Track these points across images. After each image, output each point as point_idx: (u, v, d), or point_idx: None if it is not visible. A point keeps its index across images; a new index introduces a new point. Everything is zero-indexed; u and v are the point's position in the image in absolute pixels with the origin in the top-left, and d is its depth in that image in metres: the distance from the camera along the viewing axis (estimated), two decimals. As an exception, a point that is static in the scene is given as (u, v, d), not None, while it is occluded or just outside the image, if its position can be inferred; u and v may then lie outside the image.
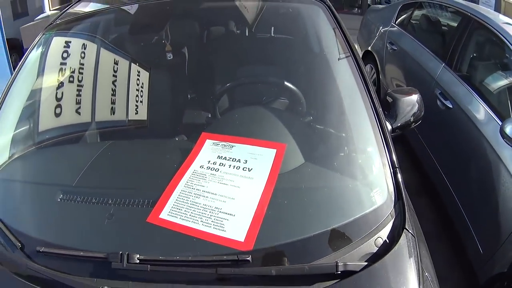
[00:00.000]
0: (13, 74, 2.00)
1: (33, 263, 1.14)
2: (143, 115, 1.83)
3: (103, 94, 1.88)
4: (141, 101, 1.85)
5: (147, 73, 1.96)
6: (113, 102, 1.86)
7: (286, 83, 1.76)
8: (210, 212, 1.15)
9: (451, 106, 3.25)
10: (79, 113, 1.81)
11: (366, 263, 1.11)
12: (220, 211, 1.14)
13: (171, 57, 2.03)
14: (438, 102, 3.39)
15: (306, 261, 1.10)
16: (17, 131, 1.75)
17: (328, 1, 2.00)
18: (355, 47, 1.76)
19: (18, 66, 2.04)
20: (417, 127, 3.61)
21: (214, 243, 1.08)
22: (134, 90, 1.86)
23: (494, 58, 3.56)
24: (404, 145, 4.16)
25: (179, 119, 1.82)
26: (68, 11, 2.32)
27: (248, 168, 1.27)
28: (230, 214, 1.14)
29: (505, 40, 3.09)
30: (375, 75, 5.34)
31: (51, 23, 2.20)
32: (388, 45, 4.97)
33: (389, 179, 1.34)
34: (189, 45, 2.09)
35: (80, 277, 1.09)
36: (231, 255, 1.06)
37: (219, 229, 1.10)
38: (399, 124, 1.71)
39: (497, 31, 3.23)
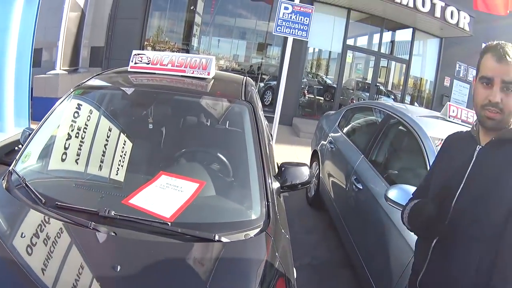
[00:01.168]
0: (42, 121, 2.99)
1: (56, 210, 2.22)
2: (121, 177, 2.71)
3: (96, 153, 2.81)
4: (122, 166, 2.76)
5: (131, 144, 2.97)
6: (101, 161, 2.76)
7: (218, 154, 2.97)
8: (155, 203, 2.29)
9: (361, 188, 4.24)
10: (77, 163, 2.75)
11: (231, 241, 2.21)
12: (160, 203, 2.29)
13: (152, 127, 3.19)
14: (353, 186, 4.38)
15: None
16: (38, 161, 2.78)
17: (254, 103, 3.26)
18: (262, 135, 3.00)
19: (46, 115, 3.02)
20: (339, 210, 4.94)
21: (155, 216, 2.21)
22: (118, 156, 2.81)
23: (400, 146, 4.63)
24: (335, 231, 5.16)
25: (151, 164, 2.93)
26: (85, 83, 3.31)
27: (181, 190, 2.43)
28: (165, 205, 2.28)
29: (413, 130, 4.02)
30: (318, 170, 6.39)
31: (74, 89, 3.17)
32: (328, 145, 6.12)
33: (264, 208, 2.51)
34: (163, 122, 3.25)
35: (81, 220, 2.15)
36: (161, 221, 2.19)
37: (158, 210, 2.23)
38: (286, 184, 2.89)
39: (407, 123, 4.22)
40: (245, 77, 4.05)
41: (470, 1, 13.04)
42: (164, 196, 2.39)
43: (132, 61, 3.59)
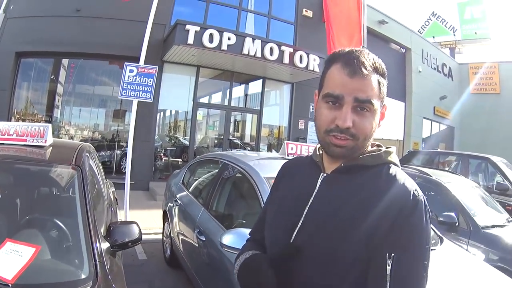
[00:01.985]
0: None
1: None
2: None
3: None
4: None
5: None
6: None
7: (54, 219, 3.41)
8: (1, 267, 2.74)
9: (204, 239, 4.61)
10: None
11: None
12: (5, 267, 2.74)
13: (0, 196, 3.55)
14: (198, 240, 4.76)
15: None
16: None
17: (84, 168, 3.72)
18: (89, 199, 3.42)
19: None
20: (190, 265, 5.45)
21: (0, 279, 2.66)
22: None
23: (239, 192, 5.01)
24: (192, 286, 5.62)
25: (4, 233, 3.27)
26: None
27: (21, 255, 2.91)
28: (8, 269, 2.74)
29: (247, 175, 4.39)
30: (169, 229, 6.74)
31: None
32: (174, 203, 6.49)
33: (92, 267, 2.96)
34: (7, 192, 3.65)
35: None
36: (4, 283, 2.65)
37: (2, 274, 2.68)
38: (116, 244, 3.33)
39: (242, 168, 4.58)
40: (81, 144, 4.50)
41: (322, 44, 14.40)
42: (8, 260, 2.84)
43: None
